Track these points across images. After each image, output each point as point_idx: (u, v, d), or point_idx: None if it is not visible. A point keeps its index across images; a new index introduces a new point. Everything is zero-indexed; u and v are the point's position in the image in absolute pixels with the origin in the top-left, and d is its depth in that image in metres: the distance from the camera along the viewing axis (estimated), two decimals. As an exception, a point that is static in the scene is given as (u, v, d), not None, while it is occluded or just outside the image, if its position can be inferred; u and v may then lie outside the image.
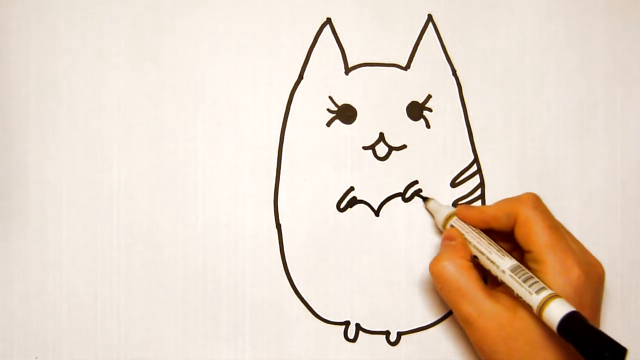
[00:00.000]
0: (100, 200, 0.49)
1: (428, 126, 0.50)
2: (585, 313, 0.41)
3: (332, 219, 0.50)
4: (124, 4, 0.49)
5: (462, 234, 0.46)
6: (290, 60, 0.50)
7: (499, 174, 0.50)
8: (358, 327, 0.50)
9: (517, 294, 0.42)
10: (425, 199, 0.49)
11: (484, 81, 0.50)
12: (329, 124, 0.50)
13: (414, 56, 0.50)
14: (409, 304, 0.50)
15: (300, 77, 0.50)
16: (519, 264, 0.43)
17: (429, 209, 0.49)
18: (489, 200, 0.50)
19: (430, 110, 0.50)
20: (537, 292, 0.41)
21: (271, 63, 0.50)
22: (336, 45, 0.50)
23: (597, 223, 0.51)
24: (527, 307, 0.41)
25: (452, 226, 0.47)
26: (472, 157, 0.50)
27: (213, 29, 0.50)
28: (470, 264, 0.44)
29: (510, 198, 0.46)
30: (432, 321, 0.50)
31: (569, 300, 0.41)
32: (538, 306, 0.40)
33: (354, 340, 0.50)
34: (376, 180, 0.50)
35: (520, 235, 0.44)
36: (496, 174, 0.50)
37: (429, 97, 0.50)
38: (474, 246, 0.45)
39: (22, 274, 0.49)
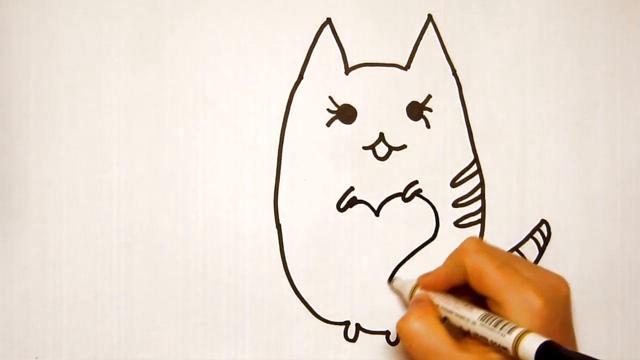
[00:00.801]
0: (100, 200, 0.49)
1: (428, 126, 0.50)
2: (558, 339, 0.40)
3: (332, 219, 0.50)
4: (124, 4, 0.49)
5: (429, 296, 0.46)
6: (290, 60, 0.50)
7: (499, 174, 0.50)
8: (358, 327, 0.49)
9: (491, 341, 0.41)
10: (390, 279, 0.49)
11: (484, 81, 0.50)
12: (329, 124, 0.50)
13: (414, 56, 0.50)
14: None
15: (300, 77, 0.50)
16: (487, 312, 0.43)
17: (395, 288, 0.49)
18: (490, 201, 0.50)
19: (430, 110, 0.50)
20: (509, 332, 0.40)
21: (271, 63, 0.50)
22: (336, 45, 0.50)
23: (597, 223, 0.51)
24: (502, 351, 0.41)
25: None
26: (472, 157, 0.50)
27: (213, 29, 0.50)
28: (438, 322, 0.44)
29: (455, 250, 0.46)
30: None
31: (539, 331, 0.40)
32: (512, 346, 0.39)
33: (354, 340, 0.49)
34: (376, 180, 0.50)
35: (473, 283, 0.44)
36: (496, 174, 0.50)
37: (429, 97, 0.50)
38: (442, 307, 0.45)
39: (22, 274, 0.49)
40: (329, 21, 0.50)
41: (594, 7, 0.50)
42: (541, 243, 0.50)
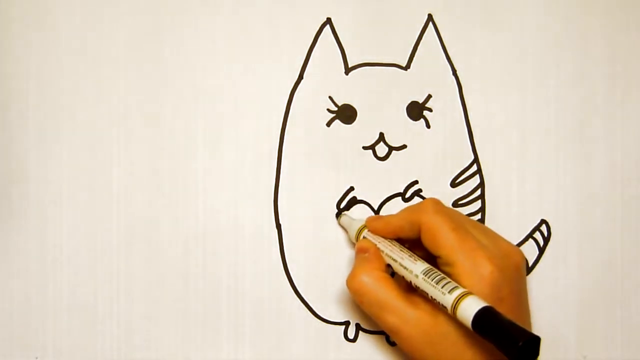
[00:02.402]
0: (100, 200, 0.49)
1: (428, 126, 0.50)
2: (504, 307, 0.40)
3: (332, 219, 0.50)
4: (124, 4, 0.49)
5: (375, 245, 0.46)
6: (290, 60, 0.50)
7: (499, 174, 0.50)
8: (358, 327, 0.50)
9: (432, 297, 0.41)
10: (337, 215, 0.49)
11: (484, 81, 0.50)
12: (329, 124, 0.50)
13: (414, 56, 0.50)
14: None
15: (300, 77, 0.50)
16: (431, 267, 0.42)
17: (342, 224, 0.49)
18: (490, 201, 0.50)
19: (430, 110, 0.50)
20: (450, 291, 0.40)
21: (271, 63, 0.50)
22: (336, 45, 0.50)
23: (597, 223, 0.51)
24: (442, 308, 0.41)
25: (364, 238, 0.47)
26: (472, 157, 0.50)
27: (213, 29, 0.50)
28: (386, 275, 0.44)
29: (412, 206, 0.46)
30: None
31: (485, 297, 0.40)
32: (452, 306, 0.39)
33: (354, 340, 0.49)
34: (376, 180, 0.50)
35: (426, 241, 0.44)
36: (496, 174, 0.50)
37: (429, 97, 0.50)
38: (387, 254, 0.45)
39: (22, 274, 0.49)
40: (329, 21, 0.50)
41: (594, 7, 0.50)
42: (541, 243, 0.50)
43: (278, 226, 0.50)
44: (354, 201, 0.50)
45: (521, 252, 0.44)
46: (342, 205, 0.49)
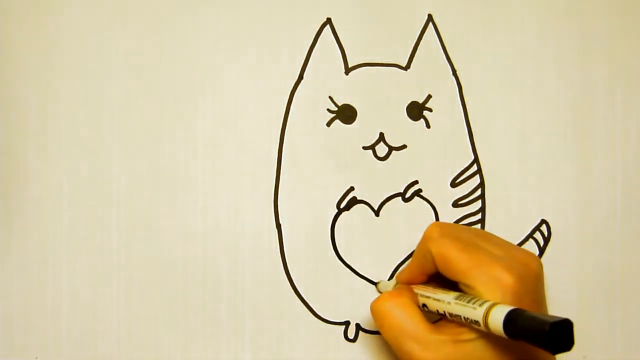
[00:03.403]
0: (100, 200, 0.49)
1: (428, 126, 0.50)
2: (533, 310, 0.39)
3: (332, 219, 0.50)
4: (124, 4, 0.49)
5: (409, 286, 0.45)
6: (290, 60, 0.50)
7: (499, 174, 0.50)
8: (358, 327, 0.50)
9: (465, 317, 0.40)
10: (377, 283, 0.49)
11: (484, 81, 0.50)
12: (329, 124, 0.50)
13: (414, 56, 0.50)
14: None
15: (300, 77, 0.50)
16: (462, 293, 0.42)
17: (380, 291, 0.49)
18: (490, 201, 0.50)
19: (430, 110, 0.50)
20: (480, 306, 0.39)
21: (271, 63, 0.50)
22: (336, 45, 0.50)
23: (597, 223, 0.51)
24: (475, 327, 0.40)
25: None
26: (472, 157, 0.50)
27: (213, 29, 0.50)
28: (412, 302, 0.43)
29: (420, 239, 0.44)
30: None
31: (513, 304, 0.39)
32: (483, 319, 0.39)
33: (354, 340, 0.50)
34: (376, 180, 0.50)
35: (441, 269, 0.42)
36: (496, 174, 0.50)
37: (429, 97, 0.50)
38: (421, 294, 0.44)
39: (22, 274, 0.49)
40: (329, 21, 0.50)
41: (594, 7, 0.50)
42: (541, 243, 0.50)
43: (278, 226, 0.50)
44: (354, 201, 0.50)
45: (537, 258, 0.43)
46: (342, 205, 0.50)
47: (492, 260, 0.41)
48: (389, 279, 0.50)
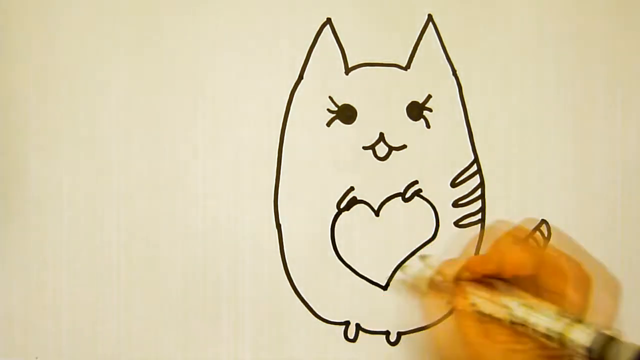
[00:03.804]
0: (100, 200, 0.49)
1: (428, 126, 0.50)
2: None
3: (332, 219, 0.50)
4: (125, 4, 0.49)
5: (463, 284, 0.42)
6: (290, 60, 0.50)
7: (499, 174, 0.50)
8: (358, 327, 0.49)
9: (535, 326, 0.38)
10: (403, 267, 0.46)
11: (484, 81, 0.50)
12: (329, 124, 0.50)
13: (414, 56, 0.50)
14: (409, 304, 0.50)
15: (300, 77, 0.50)
16: (528, 299, 0.39)
17: (410, 278, 0.44)
18: (490, 201, 0.50)
19: (430, 110, 0.50)
20: (561, 317, 0.37)
21: (271, 63, 0.50)
22: (336, 45, 0.50)
23: (597, 223, 0.51)
24: (539, 338, 0.38)
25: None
26: (472, 157, 0.50)
27: (213, 30, 0.50)
28: (468, 311, 0.40)
29: (492, 243, 0.41)
30: (432, 321, 0.50)
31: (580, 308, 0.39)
32: (564, 331, 0.37)
33: (354, 340, 0.49)
34: (376, 180, 0.50)
35: (547, 276, 0.40)
36: (496, 174, 0.50)
37: (429, 97, 0.50)
38: (477, 296, 0.40)
39: (22, 274, 0.49)
40: (329, 21, 0.50)
41: (594, 7, 0.50)
42: (541, 243, 0.50)
43: (278, 226, 0.50)
44: (354, 201, 0.50)
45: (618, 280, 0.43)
46: (342, 205, 0.49)
47: (579, 263, 0.40)
48: (389, 278, 0.50)
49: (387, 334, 0.49)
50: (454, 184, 0.50)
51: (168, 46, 0.49)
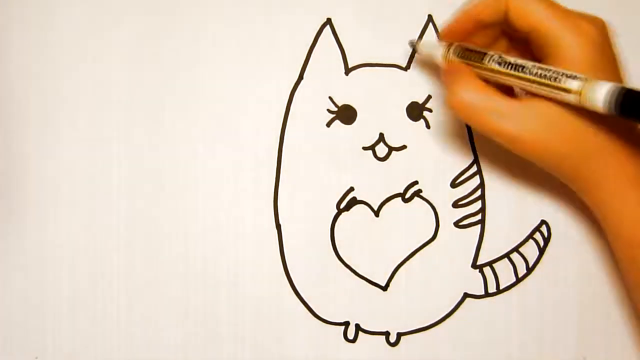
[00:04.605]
0: (100, 200, 0.49)
1: (428, 126, 0.50)
2: (612, 68, 0.41)
3: (332, 219, 0.50)
4: (125, 4, 0.49)
5: (461, 61, 0.44)
6: (290, 60, 0.50)
7: (499, 174, 0.50)
8: (358, 328, 0.50)
9: (548, 93, 0.40)
10: (414, 45, 0.48)
11: (484, 81, 0.50)
12: (329, 124, 0.50)
13: (413, 56, 0.50)
14: (409, 304, 0.50)
15: (300, 77, 0.50)
16: (535, 62, 0.41)
17: (424, 52, 0.48)
18: (490, 202, 0.50)
19: (430, 110, 0.50)
20: (572, 79, 0.39)
21: (271, 63, 0.50)
22: (336, 45, 0.50)
23: (597, 223, 0.50)
24: (560, 98, 0.40)
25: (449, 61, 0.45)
26: (472, 158, 0.50)
27: (213, 29, 0.50)
28: (483, 82, 0.42)
29: None
30: (432, 322, 0.50)
31: (593, 57, 0.40)
32: (579, 96, 0.38)
33: (353, 340, 0.50)
34: (376, 181, 0.50)
35: (516, 16, 0.41)
36: (496, 174, 0.50)
37: (429, 97, 0.50)
38: (484, 69, 0.43)
39: (22, 274, 0.49)
40: (329, 21, 0.50)
41: (593, 7, 0.50)
42: (541, 244, 0.50)
43: (278, 226, 0.50)
44: (353, 201, 0.50)
45: (600, 18, 0.43)
46: (342, 205, 0.49)
47: (568, 10, 0.41)
48: (389, 279, 0.50)
49: (386, 334, 0.50)
50: (454, 185, 0.50)
51: (168, 46, 0.49)
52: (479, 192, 0.50)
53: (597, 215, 0.44)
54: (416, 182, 0.50)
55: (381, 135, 0.49)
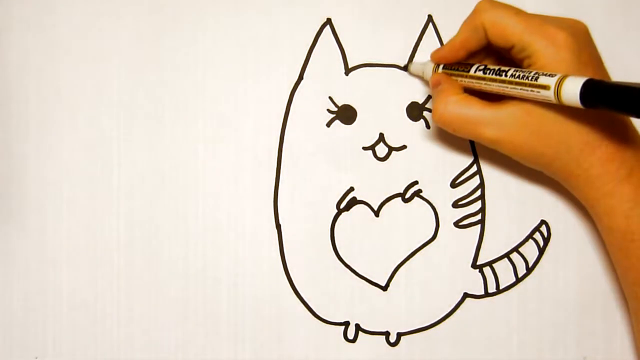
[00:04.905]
0: (100, 200, 0.49)
1: (428, 126, 0.50)
2: (590, 71, 0.42)
3: (332, 219, 0.50)
4: (125, 4, 0.49)
5: (445, 74, 0.46)
6: (290, 60, 0.50)
7: (499, 174, 0.50)
8: (358, 328, 0.50)
9: (528, 94, 0.42)
10: (405, 67, 0.50)
11: (484, 81, 0.50)
12: (329, 124, 0.50)
13: (414, 56, 0.50)
14: (409, 304, 0.50)
15: (300, 77, 0.50)
16: (515, 67, 0.43)
17: (414, 73, 0.50)
18: (490, 202, 0.50)
19: (430, 110, 0.50)
20: (549, 77, 0.40)
21: (271, 63, 0.50)
22: (336, 45, 0.50)
23: (597, 223, 0.51)
24: (542, 100, 0.41)
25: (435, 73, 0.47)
26: (472, 158, 0.50)
27: (213, 29, 0.50)
28: (465, 94, 0.45)
29: (469, 16, 0.46)
30: (432, 322, 0.50)
31: (568, 64, 0.41)
32: (555, 92, 0.40)
33: (353, 340, 0.50)
34: (376, 181, 0.50)
35: (494, 37, 0.44)
36: (496, 174, 0.50)
37: (429, 97, 0.50)
38: (465, 80, 0.45)
39: (22, 274, 0.49)
40: (329, 21, 0.50)
41: (593, 7, 0.50)
42: (541, 244, 0.50)
43: (278, 226, 0.50)
44: (353, 201, 0.50)
45: (582, 22, 0.45)
46: (342, 205, 0.49)
47: (544, 21, 0.43)
48: (389, 279, 0.50)
49: (386, 334, 0.50)
50: (454, 185, 0.50)
51: (168, 46, 0.49)
52: (479, 192, 0.50)
53: (590, 211, 0.46)
54: (416, 182, 0.50)
55: (381, 135, 0.49)
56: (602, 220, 0.45)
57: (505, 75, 0.43)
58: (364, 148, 0.50)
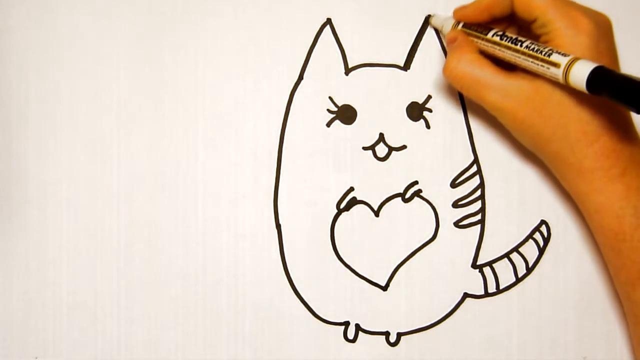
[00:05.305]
0: (100, 200, 0.49)
1: (428, 126, 0.50)
2: (605, 61, 0.42)
3: (332, 219, 0.50)
4: (125, 4, 0.49)
5: (462, 31, 0.47)
6: (290, 60, 0.50)
7: (499, 174, 0.50)
8: (358, 328, 0.50)
9: (537, 65, 0.42)
10: (426, 20, 0.50)
11: (484, 81, 0.50)
12: (329, 124, 0.50)
13: (413, 56, 0.50)
14: (409, 304, 0.50)
15: (300, 77, 0.50)
16: (531, 40, 0.43)
17: (435, 25, 0.50)
18: (490, 202, 0.50)
19: (430, 110, 0.50)
20: (557, 58, 0.41)
21: (271, 63, 0.50)
22: (336, 45, 0.50)
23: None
24: (550, 77, 0.42)
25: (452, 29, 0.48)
26: (472, 158, 0.50)
27: (213, 29, 0.50)
28: (479, 55, 0.45)
29: None
30: (432, 322, 0.50)
31: (585, 49, 0.41)
32: (563, 72, 0.40)
33: (353, 340, 0.50)
34: (376, 181, 0.50)
35: (520, 6, 0.44)
36: (496, 174, 0.50)
37: (429, 97, 0.50)
38: (483, 42, 0.46)
39: (22, 274, 0.49)
40: (329, 21, 0.50)
41: (593, 7, 0.50)
42: (541, 244, 0.50)
43: (278, 226, 0.50)
44: (353, 201, 0.50)
45: (607, 16, 0.45)
46: (342, 205, 0.49)
47: (571, 3, 0.43)
48: (389, 279, 0.50)
49: (386, 334, 0.50)
50: (454, 185, 0.50)
51: (168, 46, 0.49)
52: (478, 192, 0.50)
53: (580, 208, 0.46)
54: (416, 182, 0.50)
55: (381, 135, 0.49)
56: (593, 218, 0.45)
57: (521, 46, 0.43)
58: (364, 148, 0.50)
